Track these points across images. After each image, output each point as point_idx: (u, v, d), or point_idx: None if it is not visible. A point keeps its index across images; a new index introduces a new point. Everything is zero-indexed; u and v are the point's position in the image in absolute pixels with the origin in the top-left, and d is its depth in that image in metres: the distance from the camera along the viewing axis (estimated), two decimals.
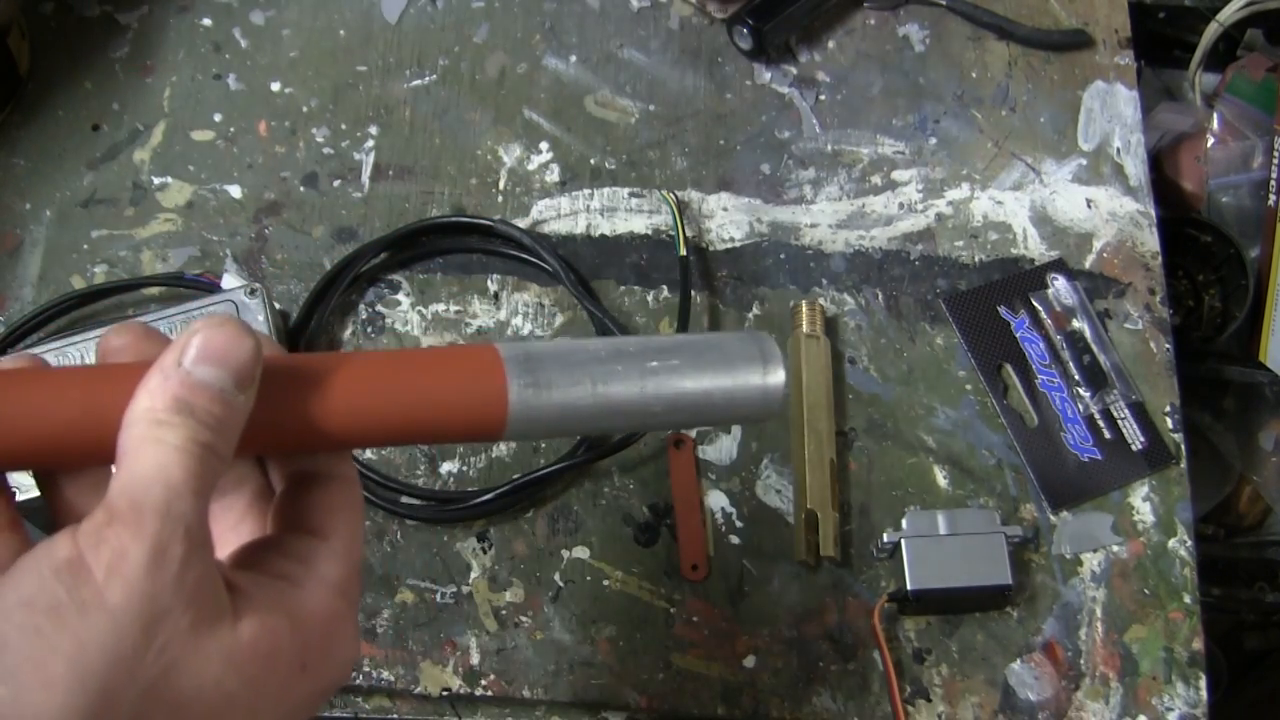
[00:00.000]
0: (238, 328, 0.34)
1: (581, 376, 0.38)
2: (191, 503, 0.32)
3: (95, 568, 0.31)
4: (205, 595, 0.32)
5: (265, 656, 0.34)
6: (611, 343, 0.39)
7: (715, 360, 0.40)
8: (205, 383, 0.33)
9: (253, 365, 0.34)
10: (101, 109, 0.83)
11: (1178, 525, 0.74)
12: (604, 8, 0.88)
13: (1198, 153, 0.93)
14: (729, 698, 0.69)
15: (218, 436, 0.33)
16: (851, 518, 0.73)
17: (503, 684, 0.69)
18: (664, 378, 0.39)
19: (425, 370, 0.38)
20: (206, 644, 0.32)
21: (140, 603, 0.31)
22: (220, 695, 0.33)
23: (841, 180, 0.83)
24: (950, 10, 0.89)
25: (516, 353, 0.38)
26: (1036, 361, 0.77)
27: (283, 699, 0.35)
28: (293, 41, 0.86)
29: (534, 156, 0.83)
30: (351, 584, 0.37)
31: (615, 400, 0.38)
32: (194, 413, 0.33)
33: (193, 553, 0.32)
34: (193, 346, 0.34)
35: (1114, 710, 0.70)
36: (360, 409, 0.37)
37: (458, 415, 0.37)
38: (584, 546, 0.72)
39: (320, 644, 0.36)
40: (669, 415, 0.39)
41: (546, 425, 0.38)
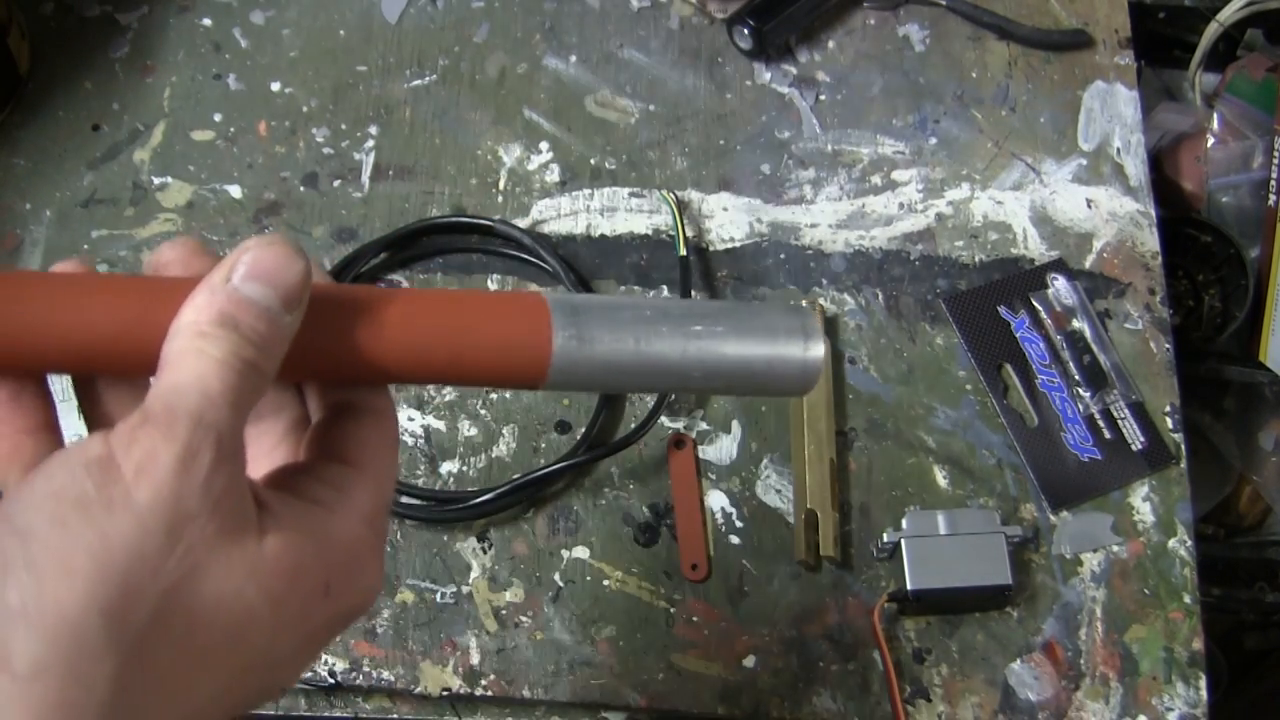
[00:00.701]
0: (289, 248, 0.34)
1: (625, 333, 0.38)
2: (226, 414, 0.32)
3: (125, 466, 0.31)
4: (232, 505, 0.33)
5: (289, 574, 0.34)
6: (657, 302, 0.40)
7: (758, 329, 0.40)
8: (252, 300, 0.34)
9: (301, 286, 0.34)
10: (101, 109, 0.83)
11: (1178, 525, 0.74)
12: (604, 8, 0.88)
13: (1198, 153, 0.93)
14: (729, 698, 0.69)
15: (260, 354, 0.33)
16: (851, 518, 0.73)
17: (503, 684, 0.69)
18: (706, 342, 0.39)
19: (474, 311, 0.38)
20: (230, 553, 0.32)
21: (166, 504, 0.31)
22: (241, 606, 0.33)
23: (841, 180, 0.83)
24: (950, 10, 0.89)
25: (563, 303, 0.38)
26: (1036, 361, 0.77)
27: (304, 619, 0.35)
28: (293, 41, 0.86)
29: (534, 156, 0.83)
30: (380, 516, 0.38)
31: (656, 360, 0.39)
32: (238, 328, 0.33)
33: (222, 462, 0.32)
34: (242, 264, 0.34)
35: (1114, 710, 0.70)
36: (405, 343, 0.37)
37: (502, 359, 0.38)
38: (584, 546, 0.72)
39: (345, 569, 0.36)
40: (707, 380, 0.40)
41: (586, 378, 0.38)
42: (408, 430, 0.75)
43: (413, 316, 0.37)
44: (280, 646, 0.35)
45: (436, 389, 0.76)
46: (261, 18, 0.87)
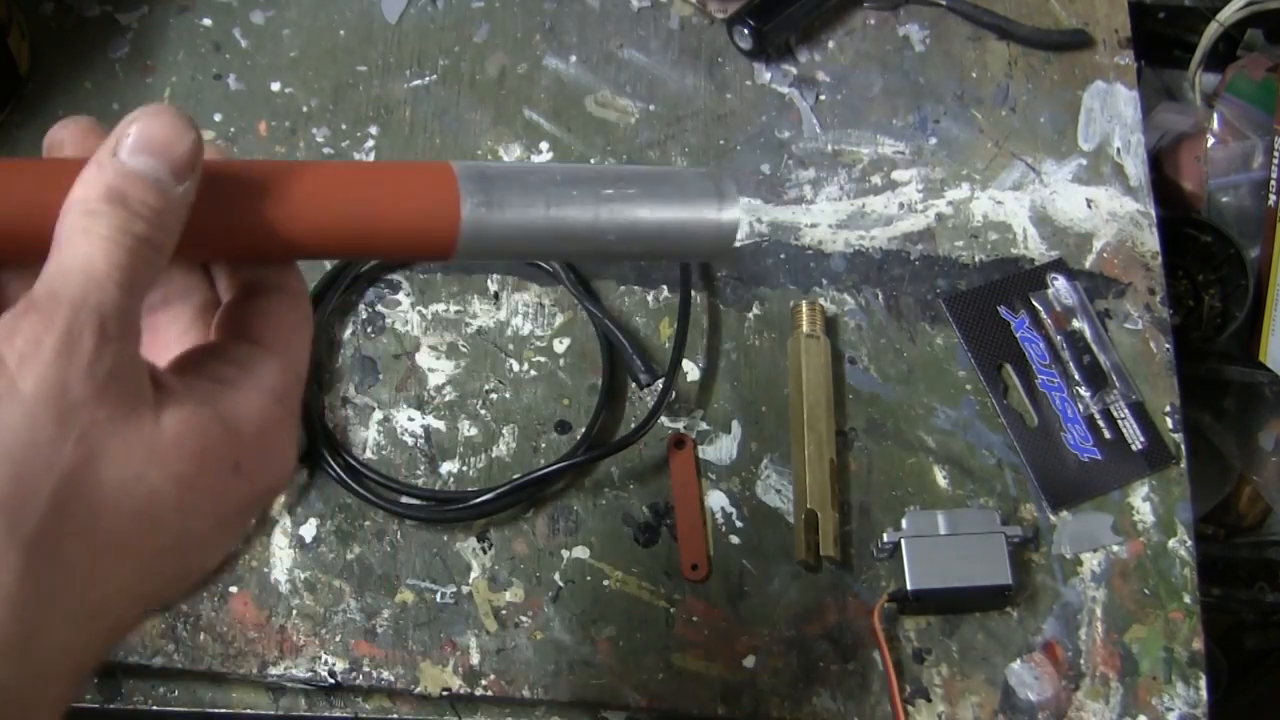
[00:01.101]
0: (176, 116, 0.33)
1: (536, 198, 0.38)
2: (113, 293, 0.32)
3: (8, 357, 0.30)
4: (124, 388, 0.32)
5: (193, 454, 0.33)
6: (568, 168, 0.40)
7: (671, 192, 0.40)
8: (140, 172, 0.32)
9: (192, 155, 0.33)
10: (101, 109, 0.83)
11: (1178, 525, 0.74)
12: (604, 8, 0.88)
13: (1198, 153, 0.93)
14: (729, 698, 0.69)
15: (152, 228, 0.33)
16: (851, 518, 0.73)
17: (503, 684, 0.69)
18: (619, 205, 0.39)
19: (381, 181, 0.37)
20: (127, 436, 0.32)
21: (52, 392, 0.30)
22: (145, 489, 0.32)
23: (841, 180, 0.83)
24: (950, 10, 0.89)
25: (471, 171, 0.38)
26: (1036, 361, 0.77)
27: (216, 499, 0.35)
28: (293, 41, 0.86)
29: (534, 156, 0.83)
30: (290, 393, 0.37)
31: (569, 224, 0.38)
32: (126, 203, 0.32)
33: (105, 343, 0.31)
34: (129, 136, 0.33)
35: (1114, 710, 0.70)
36: (312, 214, 0.36)
37: (410, 228, 0.37)
38: (584, 546, 0.72)
39: (255, 447, 0.35)
40: (622, 244, 0.40)
41: (497, 245, 0.38)
42: (408, 430, 0.75)
43: (319, 188, 0.36)
44: (193, 528, 0.34)
45: (436, 390, 0.76)
46: (261, 18, 0.87)
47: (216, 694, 0.70)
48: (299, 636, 0.69)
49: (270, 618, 0.69)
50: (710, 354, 0.77)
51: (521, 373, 0.76)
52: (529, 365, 0.77)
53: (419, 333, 0.77)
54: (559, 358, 0.77)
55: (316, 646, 0.69)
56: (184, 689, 0.69)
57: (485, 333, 0.78)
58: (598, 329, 0.77)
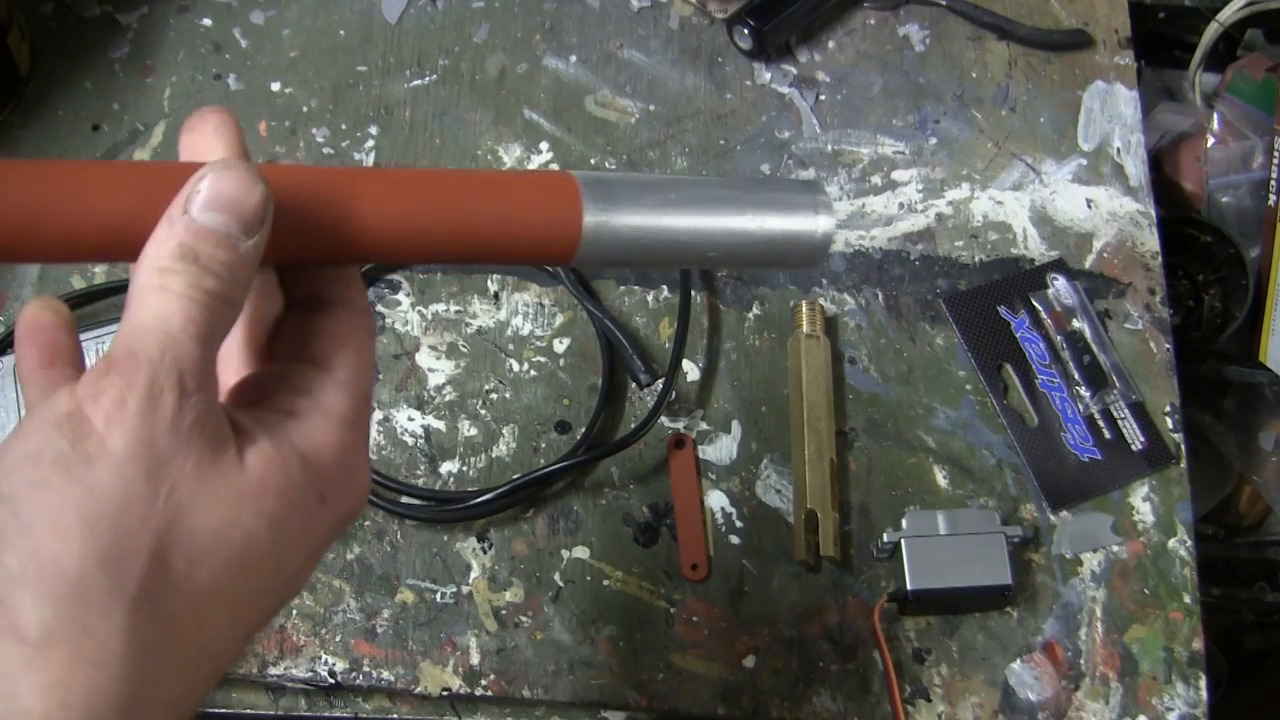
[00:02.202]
0: (245, 171, 0.34)
1: (650, 208, 0.40)
2: (190, 348, 0.32)
3: (95, 418, 0.31)
4: (207, 437, 0.33)
5: (279, 492, 0.34)
6: (676, 179, 0.42)
7: (774, 202, 0.42)
8: (211, 229, 0.33)
9: (261, 209, 0.34)
10: (101, 109, 0.83)
11: (1178, 525, 0.74)
12: (604, 8, 0.88)
13: (1198, 153, 0.93)
14: (729, 698, 0.69)
15: (224, 283, 0.33)
16: (851, 518, 0.73)
17: (503, 684, 0.69)
18: (725, 218, 0.41)
19: (504, 190, 0.39)
20: (215, 484, 0.33)
21: (141, 448, 0.31)
22: (241, 534, 0.33)
23: (841, 180, 0.83)
24: (950, 10, 0.89)
25: (592, 179, 0.40)
26: (1036, 361, 0.77)
27: (306, 532, 0.35)
28: (293, 41, 0.86)
29: (534, 156, 0.83)
30: (360, 415, 0.37)
31: (679, 233, 0.41)
32: (198, 259, 0.33)
33: (187, 396, 0.32)
34: (199, 193, 0.33)
35: (1114, 710, 0.70)
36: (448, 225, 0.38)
37: (535, 236, 0.39)
38: (584, 546, 0.72)
39: (335, 475, 0.36)
40: (725, 254, 0.42)
41: (612, 252, 0.40)
42: (408, 430, 0.75)
43: (444, 199, 0.38)
44: (288, 562, 0.35)
45: (436, 390, 0.76)
46: (261, 18, 0.87)
47: (216, 694, 0.70)
48: (299, 636, 0.69)
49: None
50: (710, 354, 0.77)
51: (521, 373, 0.76)
52: (529, 365, 0.77)
53: (419, 333, 0.77)
54: (559, 358, 0.77)
55: (316, 646, 0.69)
56: None
57: (485, 333, 0.78)
58: (598, 329, 0.77)
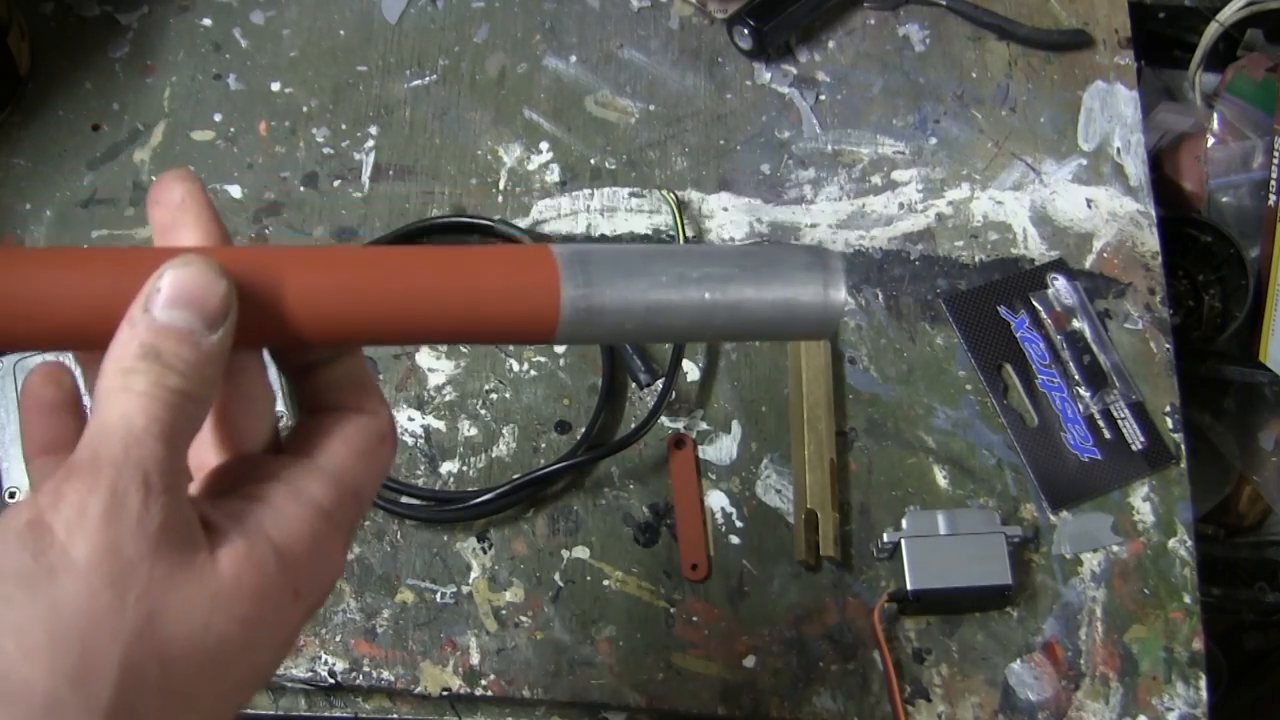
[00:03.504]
0: (205, 265, 0.33)
1: (638, 284, 0.37)
2: (154, 448, 0.31)
3: (56, 526, 0.30)
4: (176, 539, 0.32)
5: (253, 593, 0.33)
6: (669, 250, 0.38)
7: (776, 274, 0.38)
8: (173, 326, 0.32)
9: (225, 304, 0.33)
10: (101, 109, 0.83)
11: (1178, 525, 0.74)
12: (604, 8, 0.88)
13: (1198, 153, 0.93)
14: (729, 698, 0.69)
15: (189, 380, 0.32)
16: (851, 518, 0.73)
17: (503, 684, 0.69)
18: (722, 289, 0.37)
19: (475, 269, 0.36)
20: (186, 589, 0.32)
21: (104, 556, 0.30)
22: (214, 639, 0.32)
23: (841, 180, 0.83)
24: (950, 10, 0.89)
25: (571, 256, 0.37)
26: (1036, 361, 0.77)
27: (279, 630, 0.34)
28: (293, 41, 0.86)
29: (534, 156, 0.83)
30: (343, 508, 0.36)
31: (671, 310, 0.37)
32: (161, 357, 0.32)
33: (153, 498, 0.31)
34: (159, 290, 0.33)
35: (1114, 710, 0.70)
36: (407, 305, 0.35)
37: (508, 317, 0.36)
38: (584, 546, 0.72)
39: (309, 569, 0.35)
40: (725, 328, 0.38)
41: (598, 332, 0.37)
42: (408, 430, 0.75)
43: (411, 278, 0.35)
44: (261, 659, 0.34)
45: (436, 390, 0.76)
46: (261, 18, 0.87)
47: None
48: (299, 636, 0.69)
49: None
50: (710, 354, 0.77)
51: (521, 373, 0.76)
52: (529, 365, 0.77)
53: None
54: (559, 358, 0.77)
55: (316, 646, 0.69)
56: None
57: None
58: None
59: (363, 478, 0.37)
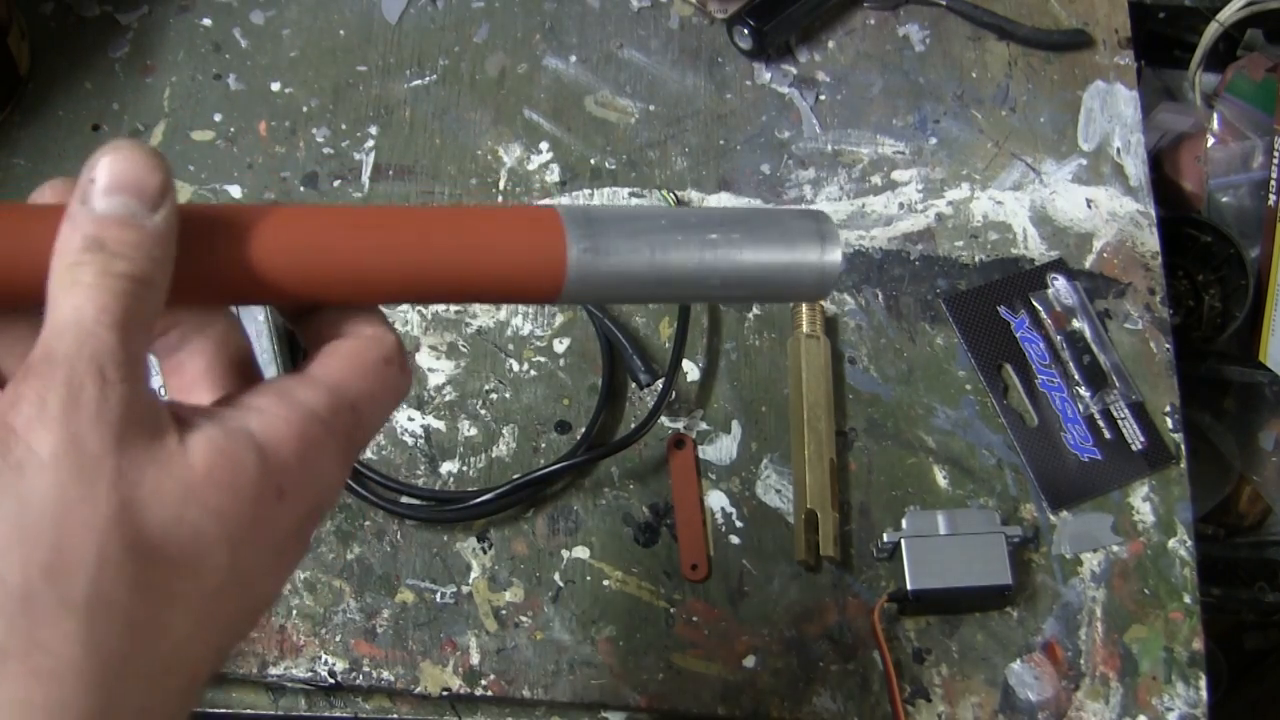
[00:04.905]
0: (136, 147, 0.33)
1: (641, 243, 0.38)
2: (106, 337, 0.31)
3: (18, 425, 0.30)
4: (140, 429, 0.31)
5: (229, 486, 0.32)
6: (671, 211, 0.40)
7: (775, 235, 0.40)
8: (112, 214, 0.32)
9: (160, 182, 0.33)
10: (101, 109, 0.83)
11: (1178, 525, 0.74)
12: (604, 8, 0.88)
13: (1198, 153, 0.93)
14: (729, 698, 0.69)
15: (136, 264, 0.32)
16: (851, 518, 0.73)
17: (503, 684, 0.69)
18: (723, 250, 0.39)
19: (483, 227, 0.37)
20: (158, 477, 0.31)
21: (68, 447, 0.30)
22: (188, 531, 0.31)
23: (841, 180, 0.83)
24: (950, 10, 0.89)
25: (577, 214, 0.38)
26: (1036, 361, 0.77)
27: (263, 528, 0.33)
28: (293, 41, 0.86)
29: (534, 156, 0.83)
30: (338, 415, 0.35)
31: (672, 270, 0.38)
32: (105, 246, 0.32)
33: (110, 387, 0.30)
34: (94, 180, 0.32)
35: (1114, 710, 0.70)
36: (414, 265, 0.36)
37: (516, 275, 0.37)
38: (584, 546, 0.72)
39: (297, 469, 0.34)
40: (724, 289, 0.39)
41: (602, 290, 0.38)
42: (408, 430, 0.75)
43: (417, 235, 0.36)
44: (245, 563, 0.33)
45: (436, 390, 0.76)
46: (261, 18, 0.87)
47: (216, 694, 0.70)
48: (299, 636, 0.69)
49: (270, 618, 0.69)
50: (710, 354, 0.77)
51: (521, 373, 0.76)
52: (529, 365, 0.77)
53: (419, 333, 0.77)
54: (559, 358, 0.77)
55: (316, 646, 0.69)
56: None
57: (485, 333, 0.78)
58: (598, 329, 0.77)
59: (362, 393, 0.36)
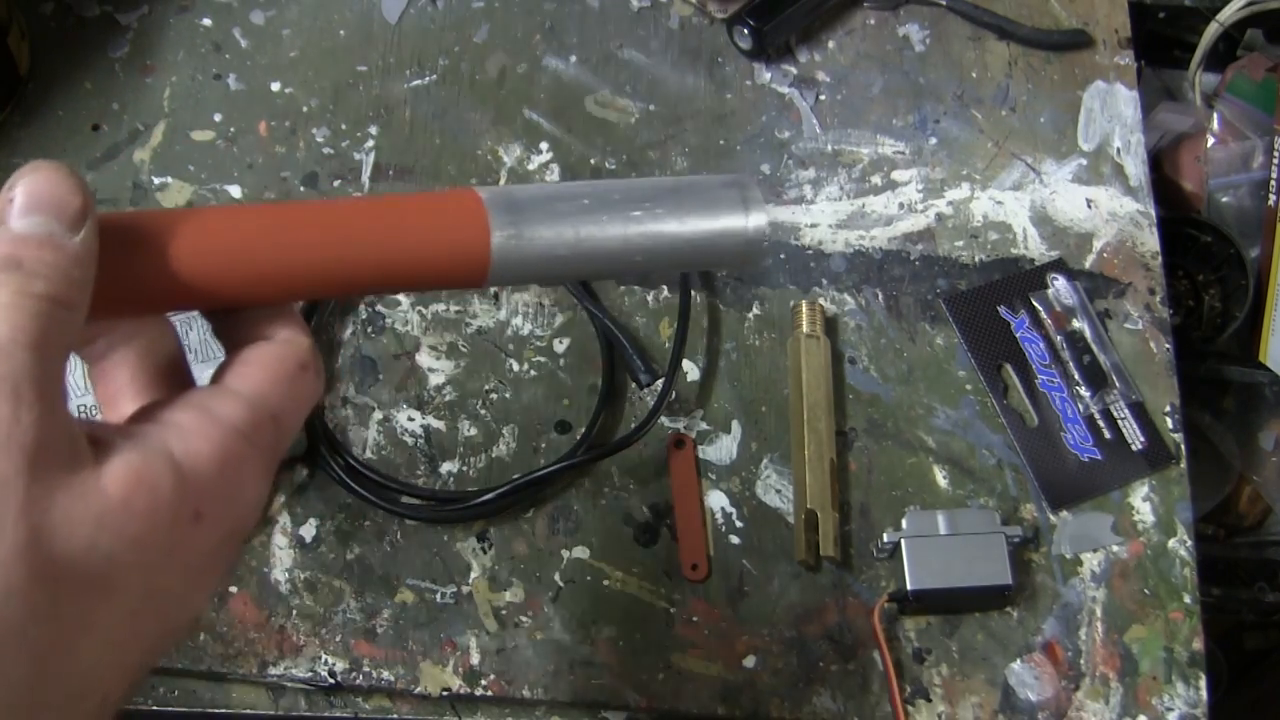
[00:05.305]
0: (55, 168, 0.32)
1: (564, 222, 0.37)
2: (21, 358, 0.30)
3: None
4: (54, 453, 0.30)
5: (145, 512, 0.31)
6: (592, 187, 0.39)
7: (697, 204, 0.40)
8: (30, 234, 0.31)
9: (81, 203, 0.32)
10: (101, 109, 0.83)
11: (1178, 525, 0.74)
12: (604, 8, 0.88)
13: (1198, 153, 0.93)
14: (729, 698, 0.69)
15: (54, 284, 0.31)
16: (851, 518, 0.73)
17: (503, 684, 0.69)
18: (648, 225, 0.39)
19: (403, 214, 0.36)
20: (69, 506, 0.30)
21: None
22: (101, 558, 0.30)
23: (841, 180, 0.83)
24: (950, 10, 0.89)
25: (499, 199, 0.37)
26: (1036, 361, 0.77)
27: (178, 552, 0.32)
28: (293, 41, 0.86)
29: (534, 156, 0.83)
30: (260, 431, 0.34)
31: (598, 246, 0.38)
32: (22, 265, 0.31)
33: (24, 411, 0.29)
34: (12, 200, 0.32)
35: (1114, 710, 0.70)
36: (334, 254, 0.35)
37: (439, 262, 0.37)
38: (584, 546, 0.72)
39: (216, 489, 0.33)
40: (651, 261, 0.39)
41: (528, 271, 0.38)
42: (408, 430, 0.75)
43: (339, 228, 0.35)
44: (161, 585, 0.32)
45: (436, 390, 0.76)
46: (261, 18, 0.87)
47: (216, 694, 0.70)
48: (299, 636, 0.69)
49: (270, 618, 0.69)
50: (710, 354, 0.77)
51: (521, 373, 0.76)
52: (529, 365, 0.77)
53: (419, 333, 0.77)
54: (559, 358, 0.77)
55: (316, 646, 0.69)
56: (183, 689, 0.69)
57: (485, 333, 0.78)
58: (598, 329, 0.77)
59: (282, 403, 0.36)
